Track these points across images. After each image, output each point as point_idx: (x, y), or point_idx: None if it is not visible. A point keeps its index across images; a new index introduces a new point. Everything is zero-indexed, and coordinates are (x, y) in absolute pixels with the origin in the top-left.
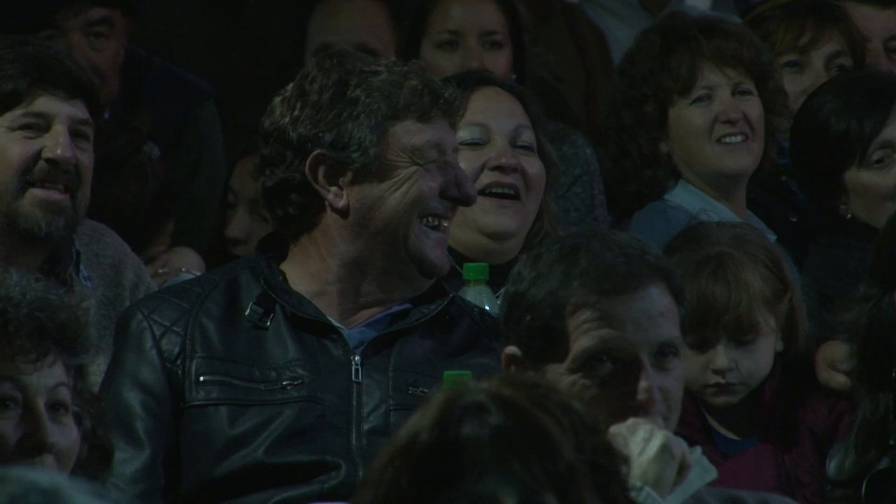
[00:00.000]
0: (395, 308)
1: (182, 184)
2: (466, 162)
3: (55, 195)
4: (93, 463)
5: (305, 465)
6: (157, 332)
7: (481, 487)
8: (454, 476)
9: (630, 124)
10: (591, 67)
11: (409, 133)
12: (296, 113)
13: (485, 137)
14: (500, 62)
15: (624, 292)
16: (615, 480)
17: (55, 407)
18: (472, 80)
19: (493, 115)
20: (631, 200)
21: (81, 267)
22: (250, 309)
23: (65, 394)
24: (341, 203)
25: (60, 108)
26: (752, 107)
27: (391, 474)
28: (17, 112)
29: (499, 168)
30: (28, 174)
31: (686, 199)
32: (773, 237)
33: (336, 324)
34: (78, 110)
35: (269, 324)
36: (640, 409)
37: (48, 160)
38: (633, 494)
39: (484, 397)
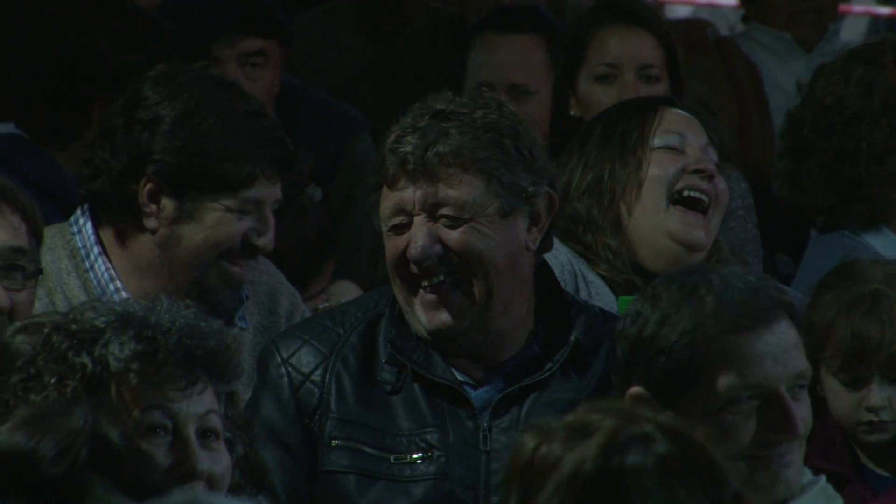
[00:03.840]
0: (526, 354)
1: (337, 215)
2: (664, 166)
3: (238, 270)
4: (246, 488)
5: None
6: (296, 382)
7: None
8: None
9: (885, 142)
10: (745, 101)
11: None
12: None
13: (682, 145)
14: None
15: (760, 327)
16: None
17: (205, 434)
18: (661, 100)
19: (687, 127)
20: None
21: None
22: (382, 369)
23: (215, 421)
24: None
25: (271, 193)
26: None
27: (557, 503)
28: (241, 196)
29: (698, 171)
30: (227, 252)
31: (882, 245)
32: None
33: (464, 378)
34: (279, 191)
35: (401, 386)
36: (784, 443)
37: (252, 246)
38: None
39: (650, 427)
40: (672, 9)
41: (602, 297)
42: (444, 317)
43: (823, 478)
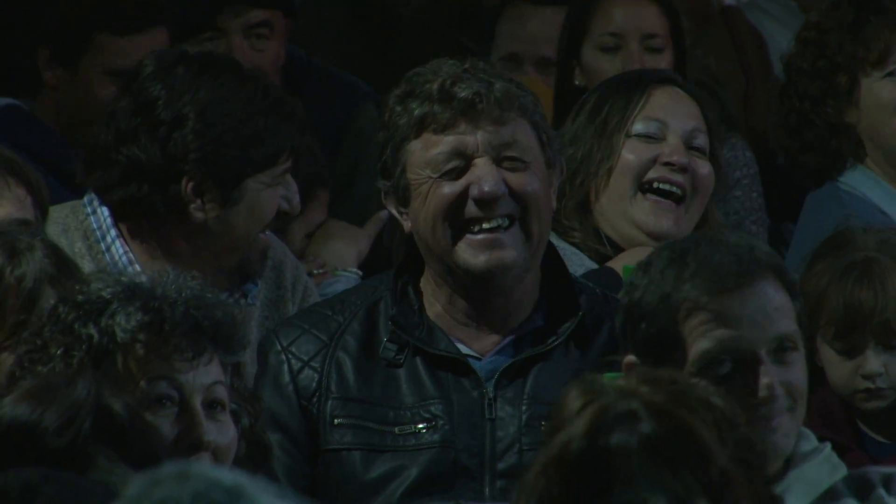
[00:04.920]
0: (529, 326)
1: (342, 184)
2: (638, 154)
3: (264, 238)
4: (251, 461)
5: None
6: (295, 367)
7: (630, 497)
8: (605, 486)
9: (818, 94)
10: (750, 70)
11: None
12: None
13: (661, 133)
14: (661, 65)
15: (736, 290)
16: (758, 473)
17: (212, 405)
18: (656, 77)
19: (672, 113)
20: (808, 175)
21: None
22: (384, 347)
23: (221, 392)
24: None
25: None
26: None
27: (544, 483)
28: (278, 169)
29: (669, 164)
30: None
31: (862, 183)
32: None
33: (468, 351)
34: None
35: (403, 360)
36: (762, 406)
37: (283, 212)
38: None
39: (636, 404)
40: None
41: (572, 263)
42: (506, 254)
43: (828, 445)
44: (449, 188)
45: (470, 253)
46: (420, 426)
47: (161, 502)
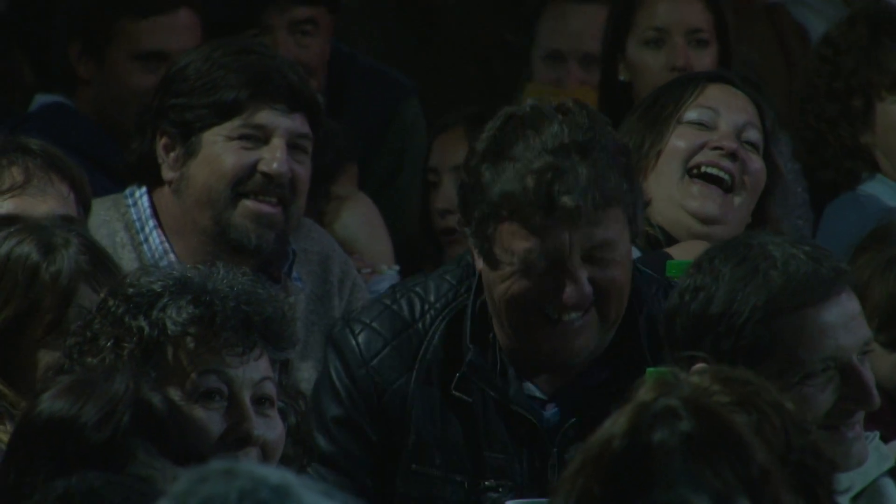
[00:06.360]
0: (597, 378)
1: (386, 179)
2: (687, 139)
3: (266, 208)
4: (296, 460)
5: None
6: (379, 388)
7: (671, 496)
8: (645, 484)
9: (833, 116)
10: (795, 66)
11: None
12: None
13: (713, 122)
14: (705, 60)
15: (829, 298)
16: (821, 482)
17: (260, 401)
18: (713, 75)
19: (726, 105)
20: (823, 189)
21: (293, 267)
22: (459, 386)
23: (270, 388)
24: None
25: (280, 122)
26: None
27: (583, 482)
28: (237, 122)
29: (718, 149)
30: (241, 185)
31: (881, 191)
32: None
33: (536, 392)
34: (297, 124)
35: (478, 402)
36: (863, 410)
37: (264, 173)
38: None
39: (676, 402)
40: None
41: None
42: (578, 343)
43: (877, 434)
44: (535, 284)
45: (543, 339)
46: (487, 483)
47: (207, 499)
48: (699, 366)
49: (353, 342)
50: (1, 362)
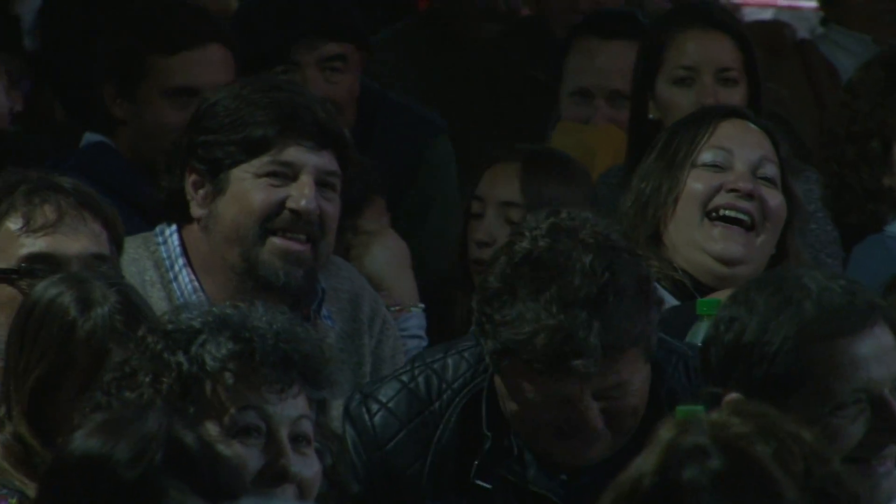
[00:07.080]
0: (618, 456)
1: (417, 218)
2: (704, 182)
3: (295, 245)
4: (332, 500)
5: None
6: (394, 472)
7: None
8: None
9: (853, 159)
10: (825, 103)
11: None
12: None
13: (727, 163)
14: (735, 98)
15: (862, 330)
16: None
17: (297, 439)
18: (724, 111)
19: (740, 143)
20: (851, 233)
21: (323, 305)
22: (477, 475)
23: (307, 426)
24: None
25: (308, 159)
26: None
27: None
28: (265, 159)
29: (735, 191)
30: (269, 222)
31: None
32: None
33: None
34: (326, 161)
35: (496, 490)
36: (892, 443)
37: (292, 210)
38: None
39: (706, 440)
40: (754, 12)
41: None
42: (592, 453)
43: None
44: (544, 423)
45: (555, 449)
46: None
47: None
48: (732, 395)
49: (369, 423)
50: (36, 418)
